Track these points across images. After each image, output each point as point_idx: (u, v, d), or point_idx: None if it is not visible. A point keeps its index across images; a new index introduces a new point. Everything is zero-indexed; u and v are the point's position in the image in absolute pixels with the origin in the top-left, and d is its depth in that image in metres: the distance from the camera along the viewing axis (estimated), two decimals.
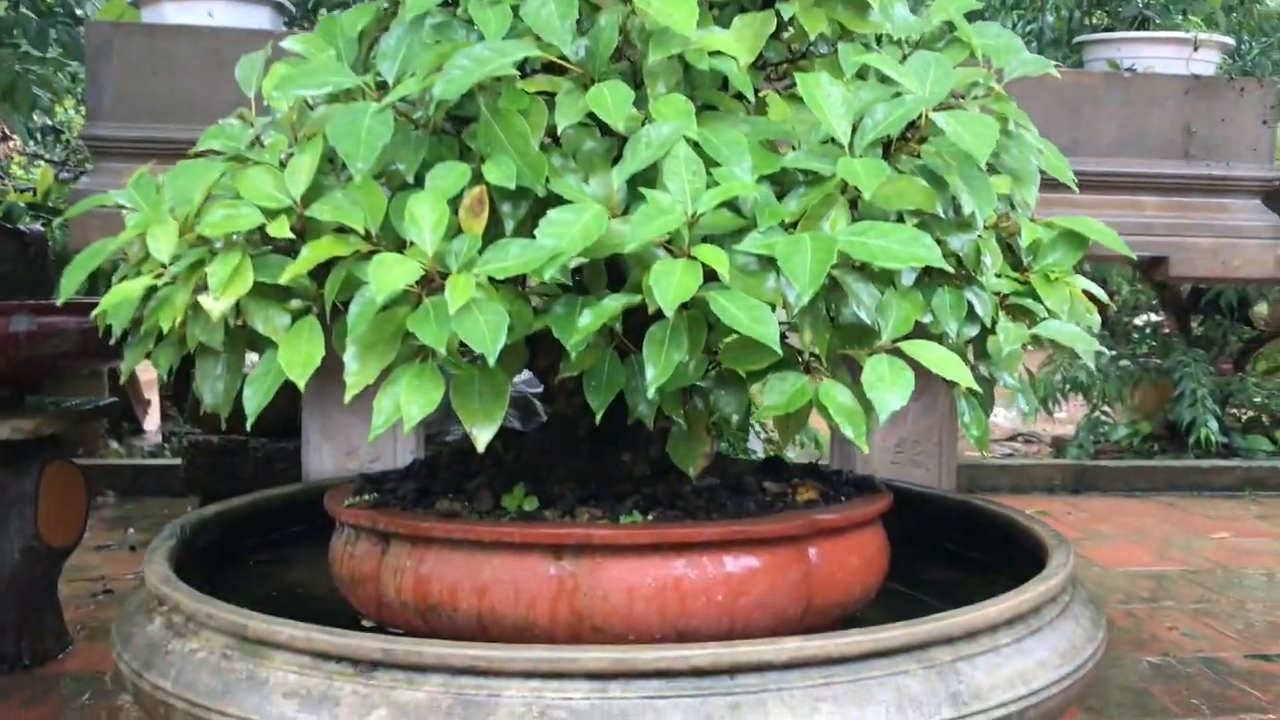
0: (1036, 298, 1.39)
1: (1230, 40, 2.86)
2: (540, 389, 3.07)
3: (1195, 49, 2.77)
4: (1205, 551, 3.92)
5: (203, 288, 1.18)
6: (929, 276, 1.33)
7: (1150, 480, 5.25)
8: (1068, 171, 1.48)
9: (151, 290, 1.24)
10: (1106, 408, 5.88)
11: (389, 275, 1.08)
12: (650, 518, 1.32)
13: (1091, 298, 1.44)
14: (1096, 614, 1.40)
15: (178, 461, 4.26)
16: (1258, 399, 5.86)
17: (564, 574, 1.26)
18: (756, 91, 1.35)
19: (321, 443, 2.35)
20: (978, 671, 1.16)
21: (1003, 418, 6.42)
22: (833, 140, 1.24)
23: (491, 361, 1.06)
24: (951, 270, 1.33)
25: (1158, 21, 2.89)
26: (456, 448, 1.82)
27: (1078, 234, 1.44)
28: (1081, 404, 6.00)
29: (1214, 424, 5.37)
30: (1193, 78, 2.77)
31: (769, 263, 1.15)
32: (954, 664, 1.16)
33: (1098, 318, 1.43)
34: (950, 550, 1.79)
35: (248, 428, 1.18)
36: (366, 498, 1.45)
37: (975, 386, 1.19)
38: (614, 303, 1.11)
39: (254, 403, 1.17)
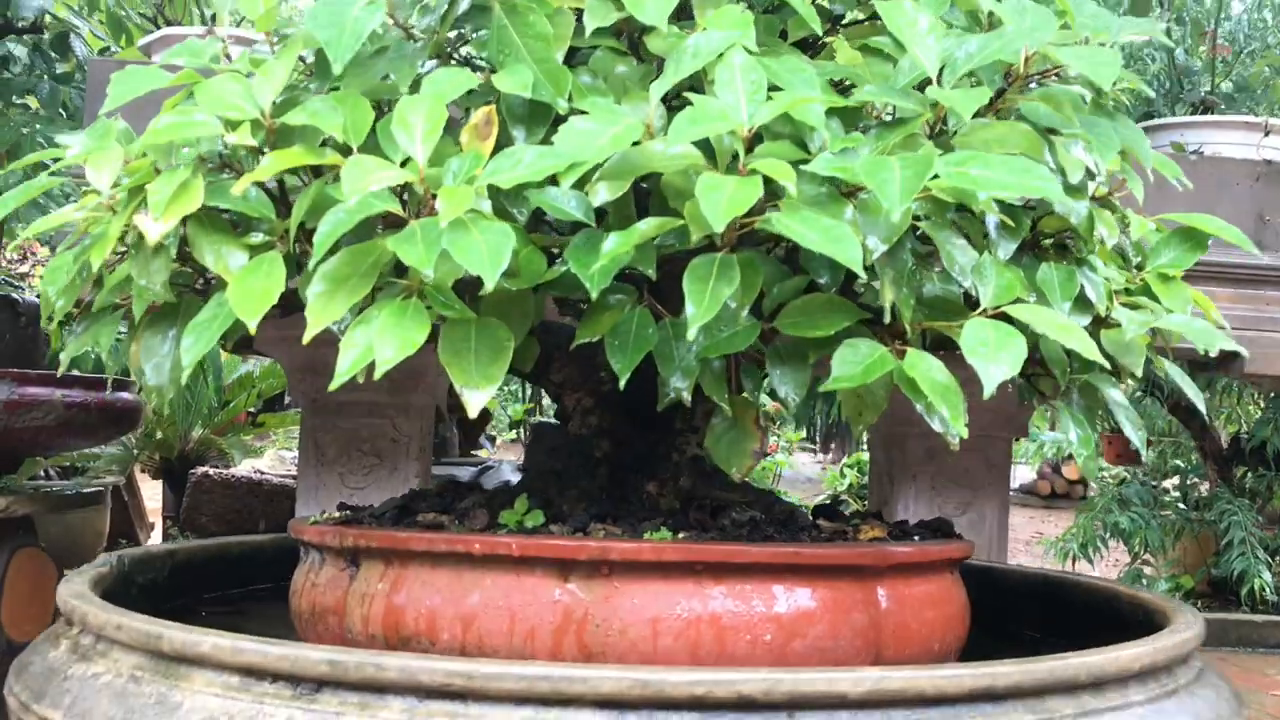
0: (1153, 297, 1.15)
1: None
2: None
3: (1266, 134, 2.58)
4: (1269, 708, 3.58)
5: (145, 210, 0.95)
6: (1028, 256, 1.10)
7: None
8: (1174, 167, 1.26)
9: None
10: (1149, 557, 5.55)
11: (367, 177, 0.85)
12: (681, 537, 1.07)
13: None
14: (1234, 692, 1.12)
15: None
16: None
17: (572, 599, 1.00)
18: (820, 40, 1.15)
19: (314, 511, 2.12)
20: None
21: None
22: (918, 89, 1.02)
23: (490, 284, 0.82)
24: (1056, 252, 1.11)
25: (1223, 108, 2.72)
26: (450, 479, 1.56)
27: (1195, 231, 1.21)
28: (1114, 563, 5.67)
29: (1267, 575, 5.03)
30: (1264, 163, 2.58)
31: (842, 196, 0.92)
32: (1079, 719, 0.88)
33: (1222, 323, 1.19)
34: (1030, 638, 1.50)
35: (181, 382, 0.94)
36: (336, 514, 1.19)
37: (1101, 360, 0.94)
38: (648, 225, 0.88)
39: (193, 352, 0.93)
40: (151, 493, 5.42)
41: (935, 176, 0.89)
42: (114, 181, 0.99)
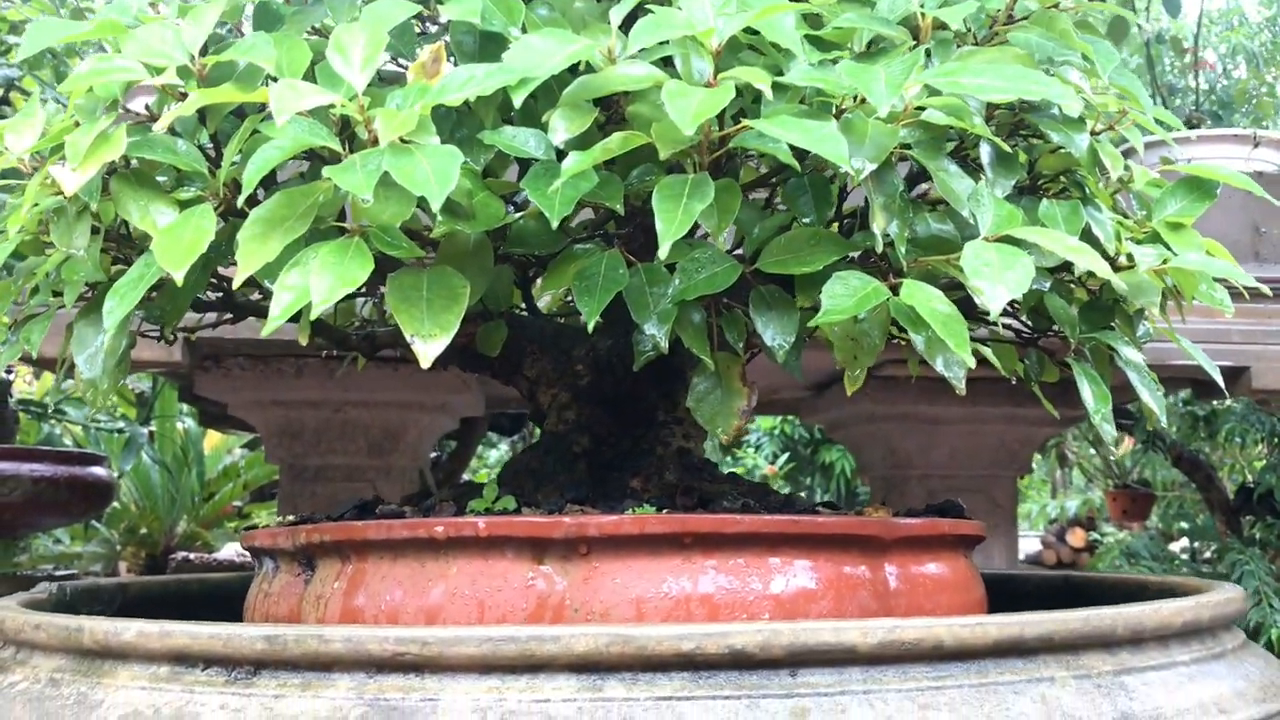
0: (1164, 244, 1.07)
1: None
2: None
3: (1255, 146, 2.53)
4: None
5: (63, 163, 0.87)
6: (1028, 197, 1.02)
7: None
8: (1171, 117, 1.19)
9: None
10: None
11: (297, 98, 0.77)
12: (666, 513, 0.97)
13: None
14: None
15: None
16: None
17: (547, 583, 0.90)
18: None
19: None
20: (1153, 690, 0.78)
21: None
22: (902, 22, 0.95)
23: (436, 205, 0.74)
24: (1058, 192, 1.03)
25: (1209, 124, 2.68)
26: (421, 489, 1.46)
27: (1202, 180, 1.14)
28: None
29: None
30: (1255, 175, 2.52)
31: (824, 113, 0.84)
32: (1118, 677, 0.78)
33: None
34: None
35: (116, 371, 0.85)
36: (291, 518, 1.09)
37: (1117, 280, 0.86)
38: (611, 141, 0.80)
39: (115, 314, 0.84)
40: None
41: (924, 88, 0.82)
42: (33, 146, 0.92)
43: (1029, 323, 1.13)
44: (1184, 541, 6.06)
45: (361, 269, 0.78)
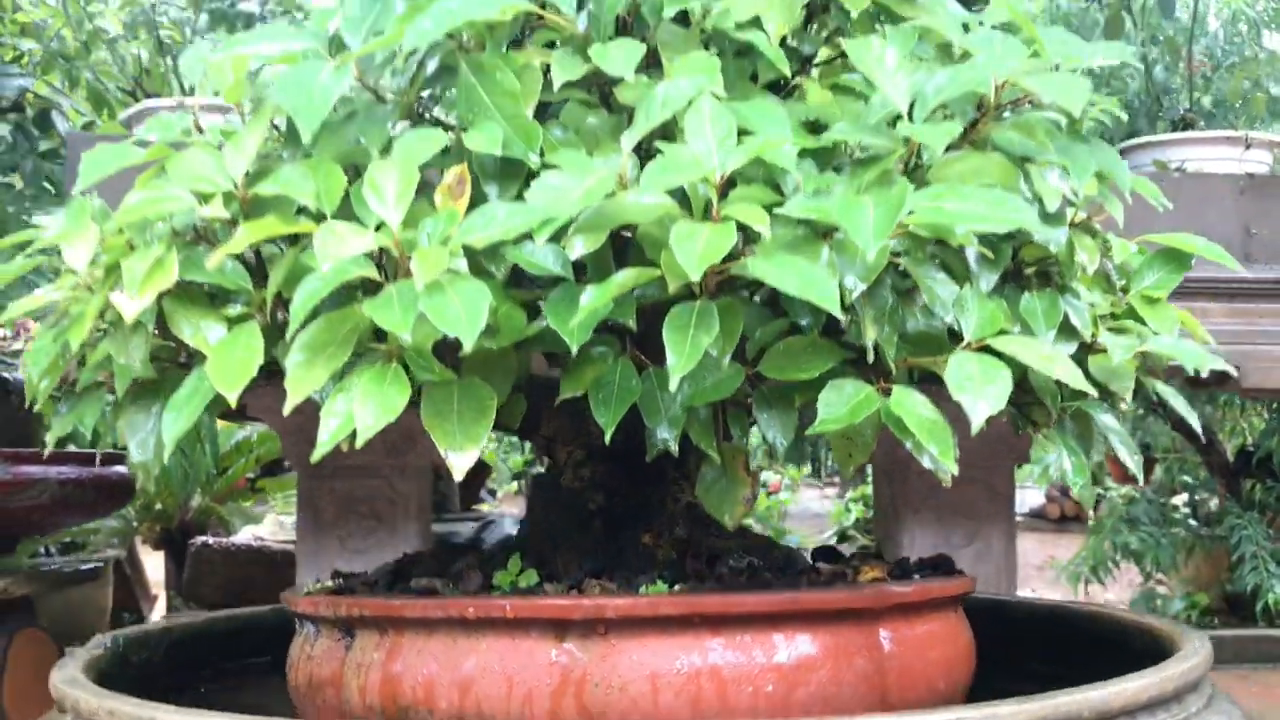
0: (1139, 320, 1.15)
1: None
2: None
3: (1247, 147, 2.59)
4: None
5: (120, 288, 0.95)
6: (1010, 286, 1.09)
7: (1218, 651, 4.78)
8: (1154, 189, 1.26)
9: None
10: (1161, 576, 5.51)
11: (341, 245, 0.85)
12: (678, 589, 1.05)
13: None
14: (1245, 715, 1.10)
15: None
16: None
17: (569, 659, 0.99)
18: (790, 83, 1.15)
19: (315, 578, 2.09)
20: None
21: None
22: (889, 124, 1.03)
23: (468, 345, 0.82)
24: (1039, 280, 1.10)
25: (1203, 124, 2.73)
26: (442, 541, 1.55)
27: (1178, 252, 1.21)
28: (1127, 585, 5.63)
29: None
30: (1247, 177, 2.58)
31: (818, 237, 0.92)
32: None
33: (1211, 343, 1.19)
34: (1038, 671, 1.48)
35: (164, 459, 0.93)
36: (330, 583, 1.18)
37: (1088, 388, 0.93)
38: (625, 276, 0.88)
39: (174, 429, 0.92)
40: (154, 564, 5.39)
41: (910, 213, 0.89)
42: (90, 259, 0.99)
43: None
44: (1185, 495, 6.15)
45: (400, 396, 0.86)
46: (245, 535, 4.49)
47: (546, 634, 0.99)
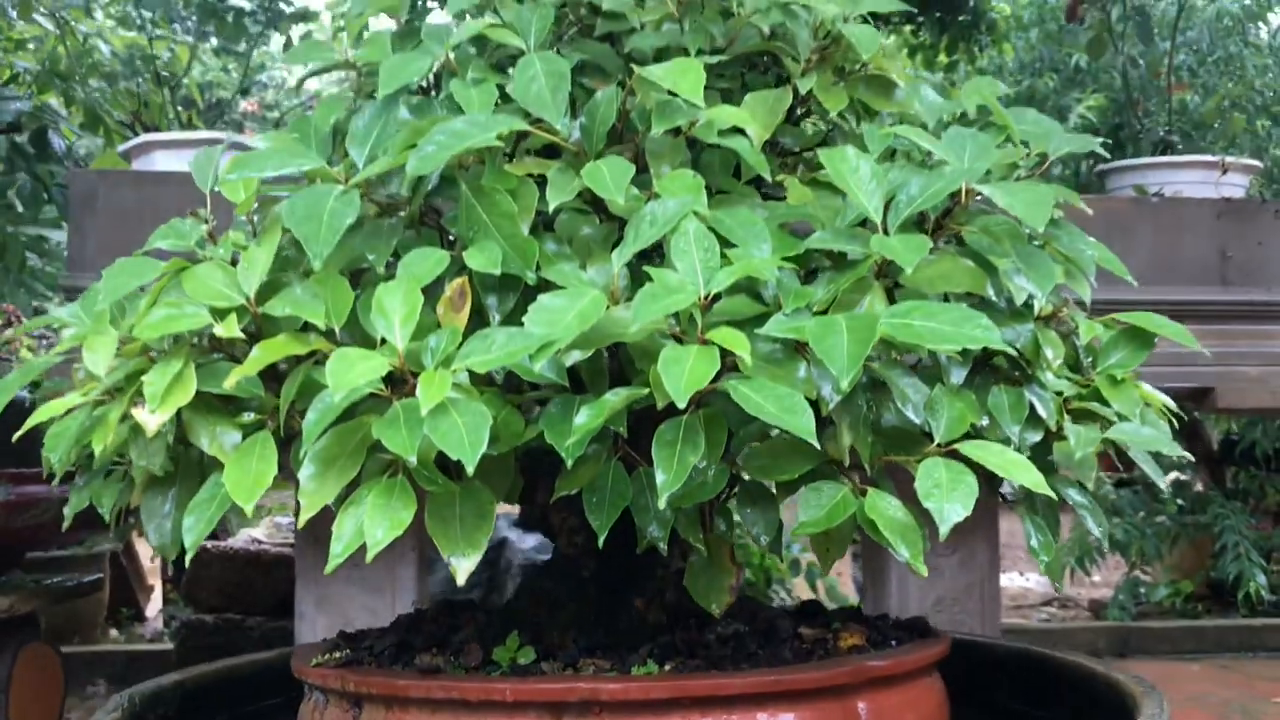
0: (1103, 401, 1.21)
1: (1258, 163, 2.75)
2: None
3: (1224, 172, 2.65)
4: (1269, 716, 3.61)
5: (141, 401, 1.01)
6: (981, 375, 1.16)
7: (1199, 641, 4.93)
8: (1120, 266, 1.32)
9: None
10: (1146, 566, 5.60)
11: (350, 371, 0.91)
12: (667, 668, 1.12)
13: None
14: None
15: (172, 646, 4.01)
16: None
17: None
18: (772, 179, 1.21)
19: (315, 615, 2.16)
20: None
21: (1035, 582, 6.14)
22: (863, 224, 1.09)
23: (470, 469, 0.88)
24: (1008, 365, 1.17)
25: (1180, 147, 2.79)
26: (443, 599, 1.62)
27: (1142, 331, 1.27)
28: (1115, 567, 5.72)
29: (1262, 578, 5.07)
30: (1224, 201, 2.65)
31: (797, 351, 0.98)
32: None
33: (1170, 424, 1.25)
34: (1011, 710, 1.56)
35: (185, 562, 0.99)
36: (337, 655, 1.25)
37: (1049, 492, 1.00)
38: (616, 398, 0.94)
39: (194, 533, 0.99)
40: (149, 551, 5.43)
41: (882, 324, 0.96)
42: (109, 368, 1.05)
43: None
44: (1173, 475, 6.23)
45: (407, 510, 0.93)
46: (243, 538, 4.55)
47: (544, 715, 1.06)
